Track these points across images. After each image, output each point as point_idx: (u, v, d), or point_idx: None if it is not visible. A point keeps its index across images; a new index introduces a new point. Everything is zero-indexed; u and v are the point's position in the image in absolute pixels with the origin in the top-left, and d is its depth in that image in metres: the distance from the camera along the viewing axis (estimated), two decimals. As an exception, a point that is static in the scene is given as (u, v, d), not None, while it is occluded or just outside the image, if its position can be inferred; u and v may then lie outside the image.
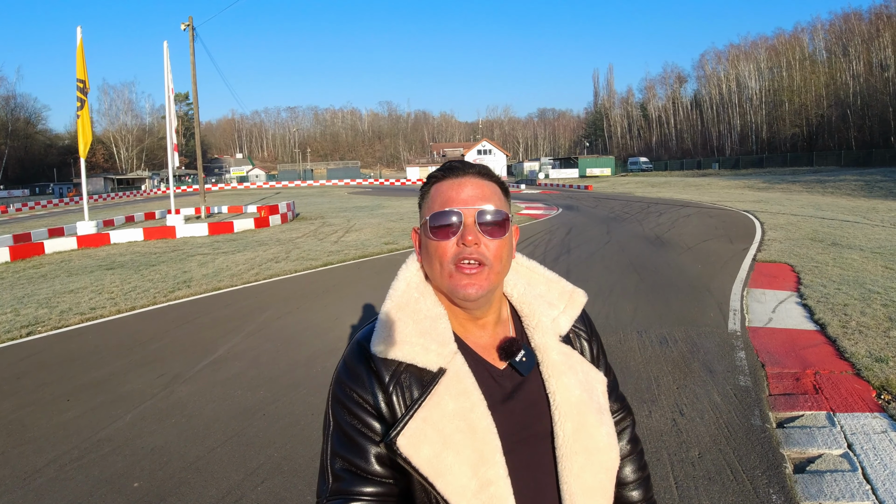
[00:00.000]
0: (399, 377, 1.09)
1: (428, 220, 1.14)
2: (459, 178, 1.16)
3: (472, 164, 1.19)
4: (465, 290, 1.09)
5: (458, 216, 1.11)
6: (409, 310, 1.14)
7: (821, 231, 15.33)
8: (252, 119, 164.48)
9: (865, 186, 34.54)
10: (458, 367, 1.10)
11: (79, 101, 19.01)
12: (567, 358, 1.21)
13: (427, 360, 1.09)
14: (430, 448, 1.03)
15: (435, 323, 1.13)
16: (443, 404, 1.06)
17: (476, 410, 1.07)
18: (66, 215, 36.28)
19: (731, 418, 4.42)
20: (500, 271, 1.14)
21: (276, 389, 5.22)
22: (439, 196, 1.15)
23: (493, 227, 1.12)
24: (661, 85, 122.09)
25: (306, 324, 7.51)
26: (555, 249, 13.57)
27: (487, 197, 1.14)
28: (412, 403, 1.07)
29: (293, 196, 47.52)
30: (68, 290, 10.16)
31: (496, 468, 1.05)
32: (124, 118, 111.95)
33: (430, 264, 1.15)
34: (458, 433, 1.05)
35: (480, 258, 1.10)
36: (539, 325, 1.22)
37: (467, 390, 1.08)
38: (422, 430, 1.04)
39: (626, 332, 6.69)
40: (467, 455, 1.04)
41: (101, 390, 5.35)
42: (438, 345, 1.10)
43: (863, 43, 77.27)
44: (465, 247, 1.10)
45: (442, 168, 1.19)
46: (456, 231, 1.11)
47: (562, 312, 1.27)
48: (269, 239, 17.41)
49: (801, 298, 8.12)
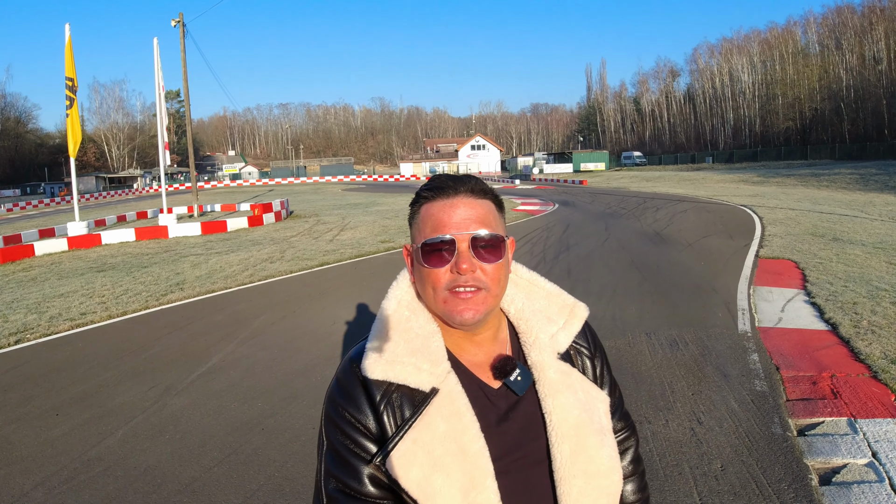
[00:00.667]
0: (390, 397, 1.06)
1: (419, 247, 1.10)
2: (451, 199, 1.10)
3: (464, 179, 1.13)
4: (462, 315, 1.07)
5: (451, 242, 1.07)
6: (400, 329, 1.11)
7: (821, 226, 15.25)
8: (244, 116, 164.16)
9: (860, 180, 34.57)
10: (451, 387, 1.07)
11: (68, 99, 18.64)
12: (565, 376, 1.16)
13: (419, 379, 1.06)
14: (419, 470, 1.00)
15: (427, 341, 1.10)
16: (434, 425, 1.04)
17: (468, 433, 1.04)
18: (57, 215, 35.94)
19: (751, 426, 4.26)
20: (498, 294, 1.11)
21: (273, 401, 4.99)
22: (430, 219, 1.10)
23: (488, 250, 1.08)
24: (654, 79, 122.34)
25: (303, 329, 7.26)
26: (553, 247, 13.38)
27: (482, 218, 1.09)
28: (402, 423, 1.04)
29: (287, 193, 47.12)
30: (58, 294, 9.91)
31: (487, 493, 1.01)
32: (115, 116, 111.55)
33: (424, 289, 1.12)
34: (448, 456, 1.02)
35: (477, 284, 1.06)
36: (536, 342, 1.18)
37: (459, 411, 1.05)
38: (412, 452, 1.01)
39: (634, 335, 6.50)
40: (457, 478, 1.01)
41: (90, 404, 5.10)
42: (430, 364, 1.07)
43: (856, 36, 77.27)
44: (459, 275, 1.06)
45: (431, 186, 1.13)
46: (449, 258, 1.07)
47: (561, 328, 1.22)
48: (263, 238, 17.16)
49: (808, 297, 8.00)
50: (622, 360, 5.71)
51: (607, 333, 6.57)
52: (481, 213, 1.10)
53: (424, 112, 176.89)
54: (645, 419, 4.42)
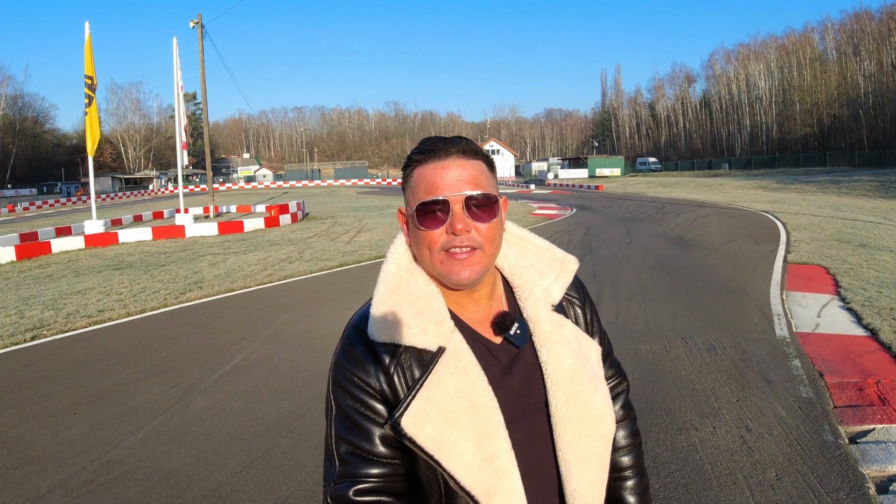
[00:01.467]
0: (399, 358, 1.08)
1: (414, 210, 1.11)
2: (442, 161, 1.10)
3: (454, 140, 1.13)
4: (458, 275, 1.08)
5: (445, 203, 1.08)
6: (402, 292, 1.12)
7: (846, 232, 14.95)
8: (259, 119, 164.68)
9: (881, 187, 34.15)
10: (457, 345, 1.09)
11: (87, 97, 18.61)
12: (559, 327, 1.20)
13: (426, 340, 1.07)
14: (433, 427, 1.03)
15: (429, 302, 1.11)
16: (444, 383, 1.05)
17: (477, 387, 1.07)
18: (73, 214, 36.11)
19: (802, 434, 4.08)
20: (493, 253, 1.12)
21: (300, 403, 4.79)
22: (423, 182, 1.11)
23: (482, 210, 1.09)
24: (670, 85, 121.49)
25: (326, 329, 7.08)
26: (576, 250, 13.13)
27: (474, 179, 1.10)
28: (414, 384, 1.06)
29: (301, 196, 47.19)
30: (75, 291, 9.80)
31: (499, 442, 1.05)
32: (132, 118, 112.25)
33: (420, 251, 1.13)
34: (460, 410, 1.04)
35: (472, 244, 1.08)
36: (531, 296, 1.21)
37: (467, 368, 1.08)
38: (425, 410, 1.03)
39: (669, 339, 6.27)
40: (470, 431, 1.04)
41: (110, 402, 4.93)
42: (435, 324, 1.09)
43: (874, 42, 76.48)
44: (454, 235, 1.07)
45: (421, 149, 1.13)
46: (444, 220, 1.08)
47: (553, 281, 1.25)
48: (280, 239, 17.04)
49: (843, 302, 7.81)
50: (660, 365, 5.48)
51: (641, 337, 6.35)
52: (473, 174, 1.10)
53: (439, 116, 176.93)
54: (691, 426, 4.21)
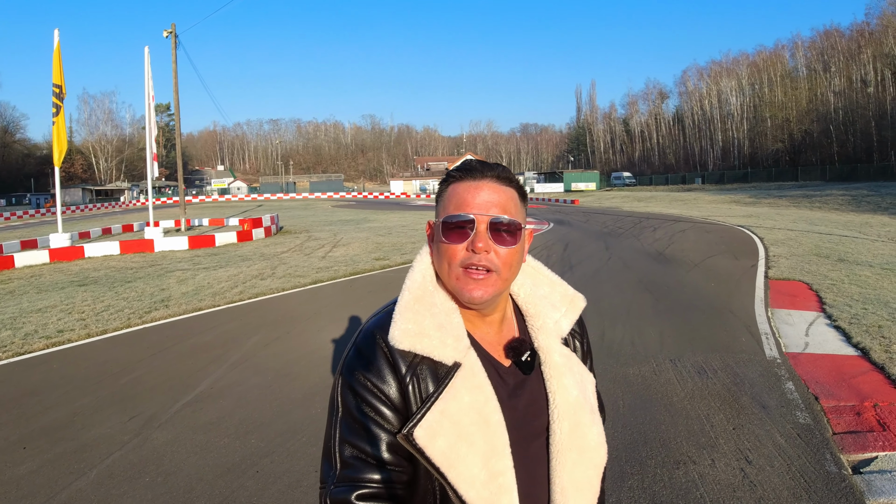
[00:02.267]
0: (416, 368, 1.09)
1: (441, 221, 1.14)
2: (477, 181, 1.14)
3: (492, 165, 1.17)
4: (471, 293, 1.10)
5: (471, 221, 1.11)
6: (426, 302, 1.13)
7: (823, 246, 14.97)
8: (234, 131, 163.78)
9: (852, 201, 34.65)
10: (472, 362, 1.11)
11: (54, 106, 18.03)
12: (567, 360, 1.24)
13: (444, 353, 1.09)
14: (445, 440, 1.03)
15: (449, 317, 1.13)
16: (459, 397, 1.07)
17: (489, 404, 1.09)
18: (41, 226, 35.12)
19: (804, 465, 3.86)
20: (508, 278, 1.14)
21: (269, 437, 4.41)
22: (455, 197, 1.14)
23: (505, 234, 1.12)
24: (644, 100, 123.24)
25: (299, 352, 6.69)
26: (556, 266, 12.93)
27: (503, 204, 1.13)
28: (428, 396, 1.07)
29: (276, 209, 46.58)
30: (36, 309, 9.31)
31: (505, 460, 1.07)
32: (104, 128, 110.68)
33: (440, 263, 1.16)
34: (472, 426, 1.06)
35: (489, 265, 1.10)
36: (543, 327, 1.24)
37: (481, 385, 1.10)
38: (439, 422, 1.04)
39: (658, 362, 6.03)
40: (480, 447, 1.05)
41: (62, 436, 4.52)
42: (454, 339, 1.11)
43: (844, 59, 78.22)
44: (474, 253, 1.10)
45: (461, 168, 1.17)
46: (467, 236, 1.11)
47: (563, 315, 1.29)
48: (252, 254, 16.58)
49: (830, 320, 7.68)
50: (650, 390, 5.24)
51: (628, 360, 6.10)
52: (503, 199, 1.13)
53: (415, 130, 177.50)
54: (689, 459, 3.95)
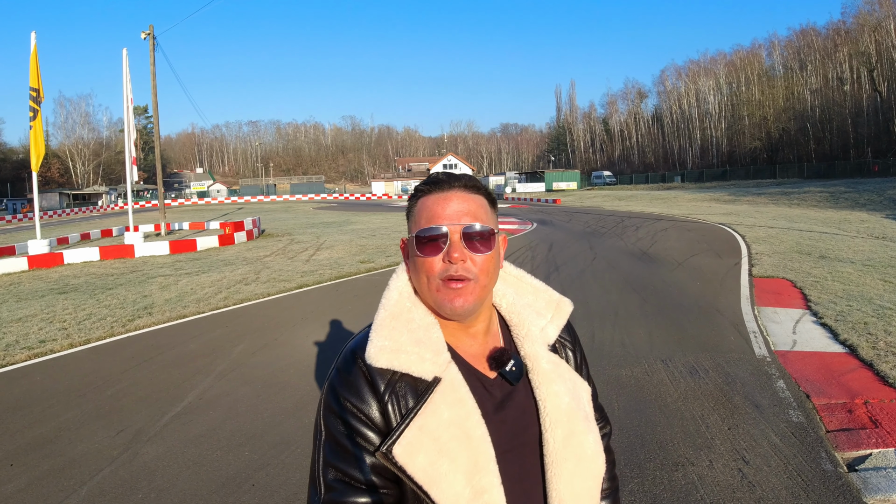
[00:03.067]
0: (394, 386, 1.07)
1: (414, 236, 1.14)
2: (445, 193, 1.15)
3: (459, 176, 1.18)
4: (452, 303, 1.10)
5: (444, 233, 1.11)
6: (403, 319, 1.13)
7: (804, 244, 15.15)
8: (213, 133, 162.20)
9: (830, 198, 35.15)
10: (453, 376, 1.09)
11: (31, 110, 17.65)
12: (556, 367, 1.21)
13: (422, 369, 1.08)
14: (425, 456, 1.01)
15: (428, 332, 1.12)
16: (438, 413, 1.05)
17: (471, 419, 1.06)
18: (18, 232, 34.50)
19: (800, 464, 3.89)
20: (487, 285, 1.14)
21: (262, 449, 4.31)
22: (425, 211, 1.14)
23: (479, 242, 1.12)
24: (623, 100, 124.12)
25: (288, 360, 6.58)
26: (542, 267, 12.94)
27: (473, 212, 1.13)
28: (407, 412, 1.05)
29: (257, 212, 46.18)
30: (16, 319, 9.10)
31: (490, 476, 1.04)
32: (81, 131, 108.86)
33: (418, 278, 1.15)
34: (453, 441, 1.03)
35: (466, 275, 1.10)
36: (528, 335, 1.22)
37: (462, 399, 1.07)
38: (418, 439, 1.02)
39: (649, 363, 6.03)
40: (462, 463, 1.03)
41: (50, 451, 4.40)
42: (433, 353, 1.09)
43: (820, 57, 79.31)
44: (451, 264, 1.10)
45: (428, 181, 1.18)
46: (442, 247, 1.11)
47: (549, 322, 1.28)
48: (235, 258, 16.40)
49: (816, 317, 7.79)
50: (643, 392, 5.23)
51: (620, 361, 6.10)
52: (473, 207, 1.14)
53: (395, 131, 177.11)
54: (686, 460, 3.95)
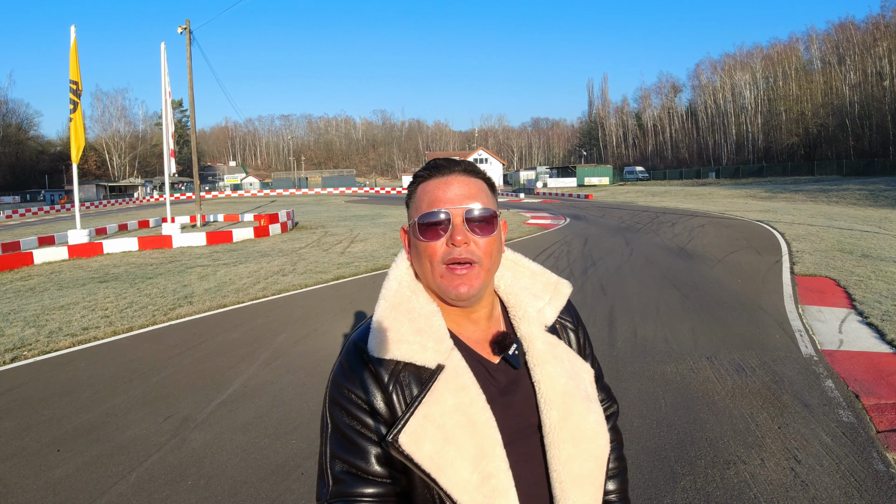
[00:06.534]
0: (398, 376, 1.07)
1: (416, 221, 1.13)
2: (445, 177, 1.14)
3: (458, 161, 1.17)
4: (457, 289, 1.10)
5: (447, 216, 1.11)
6: (403, 308, 1.13)
7: (845, 242, 14.78)
8: (246, 127, 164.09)
9: (870, 196, 34.28)
10: (456, 363, 1.09)
11: (72, 103, 18.01)
12: (552, 347, 1.21)
13: (425, 357, 1.08)
14: (431, 444, 1.02)
15: (429, 320, 1.12)
16: (443, 400, 1.05)
17: (475, 405, 1.06)
18: (57, 223, 35.35)
19: (852, 464, 3.80)
20: (491, 268, 1.14)
21: (310, 438, 4.32)
22: (426, 196, 1.14)
23: (481, 224, 1.12)
24: (656, 94, 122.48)
25: (330, 350, 6.61)
26: (578, 262, 12.81)
27: (474, 195, 1.13)
28: (412, 401, 1.05)
29: (289, 204, 46.59)
30: (58, 306, 9.30)
31: (497, 461, 1.04)
32: (117, 125, 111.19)
33: (421, 264, 1.15)
34: (458, 428, 1.04)
35: (471, 257, 1.10)
36: (525, 316, 1.22)
37: (466, 385, 1.07)
38: (423, 427, 1.02)
39: (695, 360, 5.93)
40: (468, 449, 1.03)
41: (97, 437, 4.46)
42: (435, 342, 1.09)
43: (859, 52, 77.28)
44: (454, 247, 1.10)
45: (427, 167, 1.18)
46: (445, 231, 1.11)
47: (547, 303, 1.27)
48: (270, 249, 16.58)
49: (861, 317, 7.59)
50: (690, 389, 5.14)
51: (664, 357, 6.00)
52: (474, 190, 1.14)
53: (426, 125, 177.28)
54: (738, 458, 3.87)
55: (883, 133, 68.59)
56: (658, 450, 4.02)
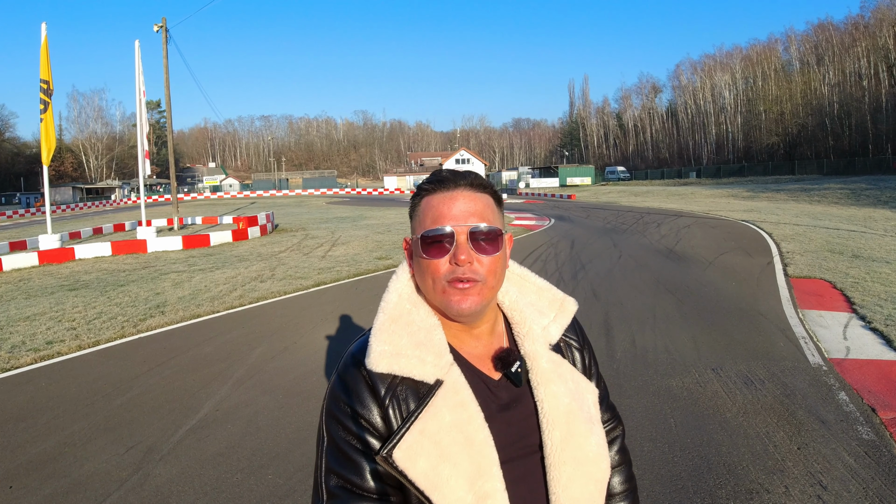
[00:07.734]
0: (395, 390, 1.05)
1: (419, 237, 1.10)
2: (451, 192, 1.10)
3: (464, 173, 1.12)
4: (459, 305, 1.06)
5: (450, 234, 1.07)
6: (402, 321, 1.10)
7: (834, 242, 14.66)
8: (225, 128, 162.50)
9: (851, 195, 34.44)
10: (455, 379, 1.06)
11: (42, 103, 17.33)
12: (556, 366, 1.18)
13: (423, 372, 1.05)
14: (426, 461, 0.99)
15: (430, 334, 1.09)
16: (440, 416, 1.02)
17: (473, 422, 1.03)
18: (31, 227, 34.40)
19: (880, 488, 3.52)
20: (494, 286, 1.10)
21: (288, 471, 3.88)
22: (430, 211, 1.10)
23: (485, 243, 1.08)
24: (637, 95, 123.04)
25: (309, 365, 6.17)
26: (567, 265, 12.48)
27: (480, 212, 1.09)
28: (408, 416, 1.03)
29: (270, 206, 45.92)
30: (24, 317, 8.78)
31: (493, 481, 1.01)
32: (94, 126, 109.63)
33: (423, 280, 1.11)
34: (455, 445, 1.01)
35: (474, 276, 1.06)
36: (529, 333, 1.19)
37: (464, 402, 1.05)
38: (419, 443, 1.00)
39: (700, 372, 5.59)
40: (464, 467, 1.00)
41: (53, 472, 4.00)
42: (434, 356, 1.06)
43: (837, 52, 78.09)
44: (457, 266, 1.05)
45: (432, 179, 1.13)
46: (448, 249, 1.07)
47: (552, 321, 1.24)
48: (249, 253, 16.06)
49: (864, 322, 7.38)
50: (699, 406, 4.80)
51: (668, 370, 5.66)
52: (480, 207, 1.10)
53: (407, 126, 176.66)
54: (760, 486, 3.53)
55: (862, 132, 69.29)
56: (673, 478, 3.66)
